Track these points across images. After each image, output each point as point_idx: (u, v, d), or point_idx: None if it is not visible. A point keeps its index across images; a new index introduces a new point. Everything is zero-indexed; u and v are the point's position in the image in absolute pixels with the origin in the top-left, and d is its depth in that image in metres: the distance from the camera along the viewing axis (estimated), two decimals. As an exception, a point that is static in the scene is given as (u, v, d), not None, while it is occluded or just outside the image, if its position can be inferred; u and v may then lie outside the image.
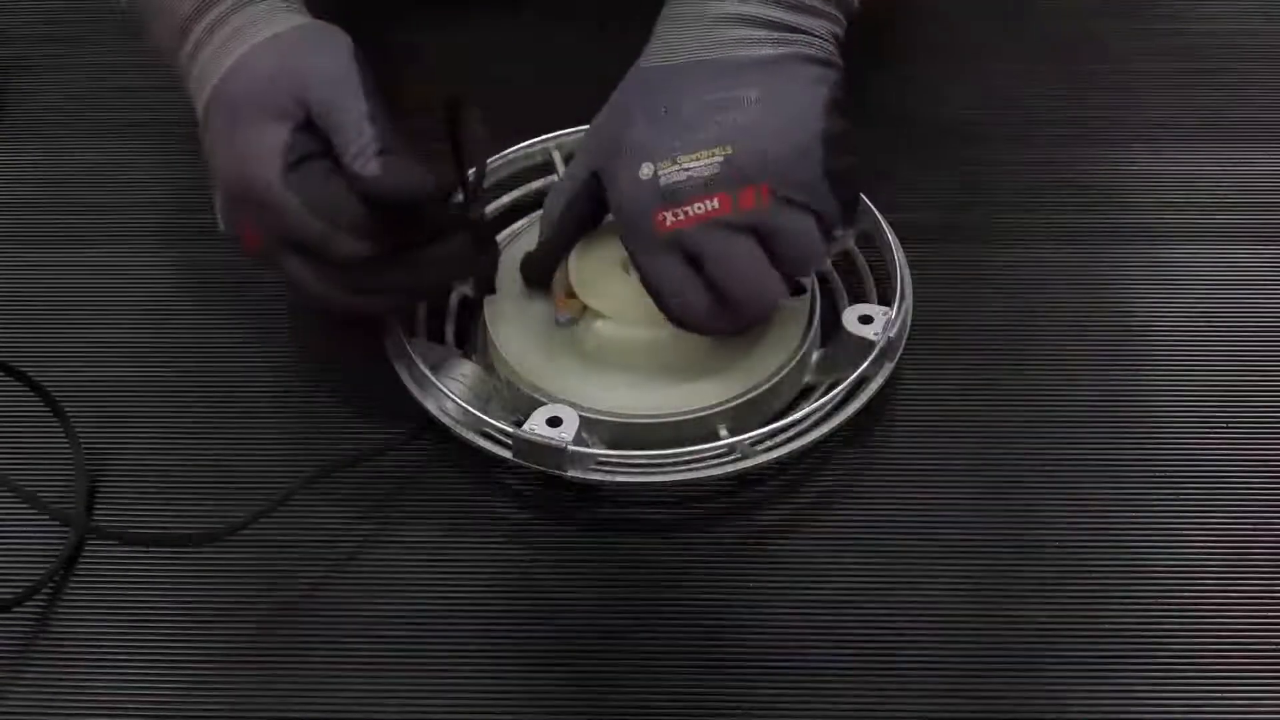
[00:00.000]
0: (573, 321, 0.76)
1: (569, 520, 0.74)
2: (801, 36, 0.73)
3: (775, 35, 0.73)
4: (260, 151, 0.70)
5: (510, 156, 0.86)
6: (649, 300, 0.74)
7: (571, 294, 0.76)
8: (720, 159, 0.71)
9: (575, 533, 0.74)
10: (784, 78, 0.72)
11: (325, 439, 0.76)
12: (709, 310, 0.73)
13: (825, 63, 0.73)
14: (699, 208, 0.71)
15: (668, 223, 0.71)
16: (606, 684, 0.69)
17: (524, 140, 0.86)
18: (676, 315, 0.73)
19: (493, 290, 0.78)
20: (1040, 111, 0.91)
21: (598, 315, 0.76)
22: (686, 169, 0.71)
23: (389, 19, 0.98)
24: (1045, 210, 0.86)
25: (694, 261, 0.72)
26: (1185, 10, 0.97)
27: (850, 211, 0.74)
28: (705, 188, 0.71)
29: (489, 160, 0.78)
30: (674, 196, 0.71)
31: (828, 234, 0.73)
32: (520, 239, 0.82)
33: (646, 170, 0.71)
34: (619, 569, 0.73)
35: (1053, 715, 0.68)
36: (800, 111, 0.72)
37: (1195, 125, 0.90)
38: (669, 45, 0.74)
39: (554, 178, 0.86)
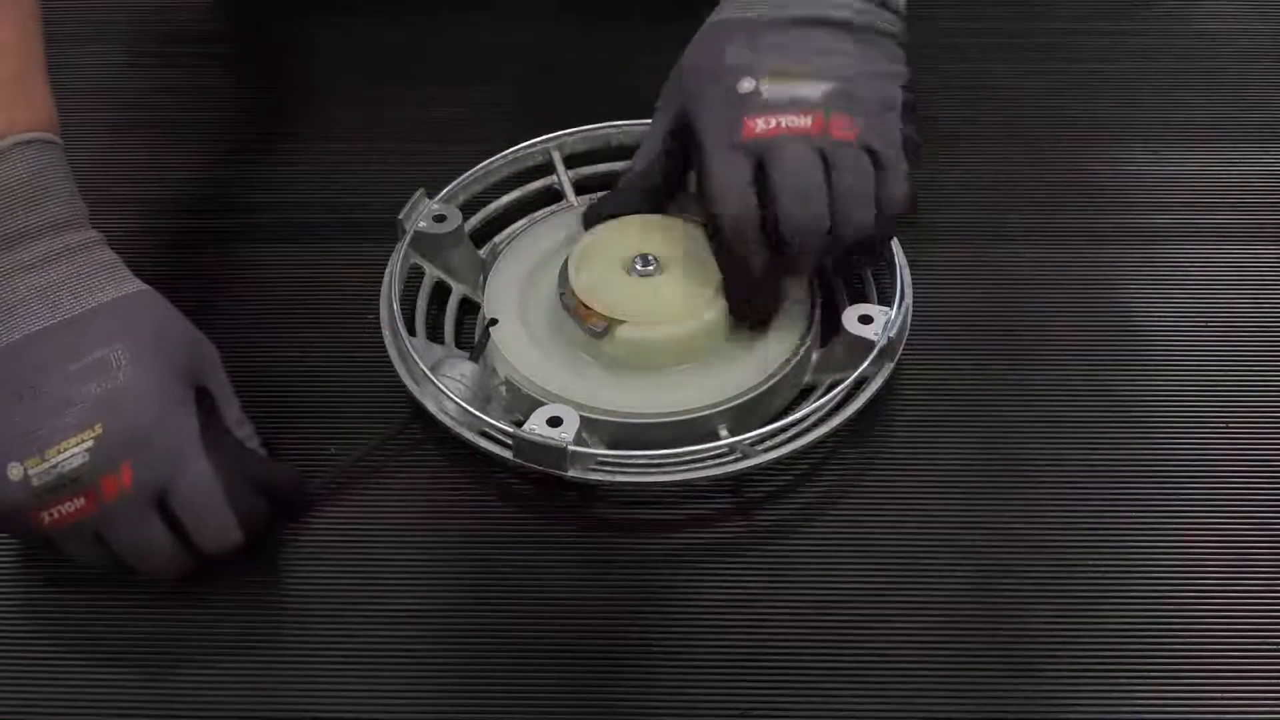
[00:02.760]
0: (607, 330, 0.76)
1: (569, 520, 0.74)
2: (881, 11, 0.78)
3: (862, 5, 0.77)
4: (177, 405, 0.69)
5: (511, 156, 0.86)
6: (659, 299, 0.76)
7: (589, 305, 0.76)
8: (822, 90, 0.74)
9: (575, 533, 0.74)
10: (870, 44, 0.77)
11: (326, 439, 0.76)
12: (754, 221, 0.74)
13: (895, 38, 0.79)
14: (791, 120, 0.74)
15: (757, 129, 0.73)
16: (606, 684, 0.69)
17: (524, 140, 0.86)
18: (730, 215, 0.74)
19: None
20: (1040, 111, 0.91)
21: (616, 320, 0.76)
22: (789, 88, 0.74)
23: (387, 19, 0.98)
24: (1045, 210, 0.86)
25: (761, 170, 0.74)
26: (1185, 10, 0.97)
27: (910, 184, 0.76)
28: (803, 108, 0.74)
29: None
30: (769, 107, 0.74)
31: (892, 200, 0.75)
32: (519, 239, 0.82)
33: (748, 84, 0.74)
34: (619, 569, 0.73)
35: (1053, 715, 0.68)
36: (885, 74, 0.77)
37: (1195, 125, 0.90)
38: (775, 1, 0.77)
39: (553, 178, 0.86)
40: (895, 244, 0.80)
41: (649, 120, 0.84)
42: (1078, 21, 0.97)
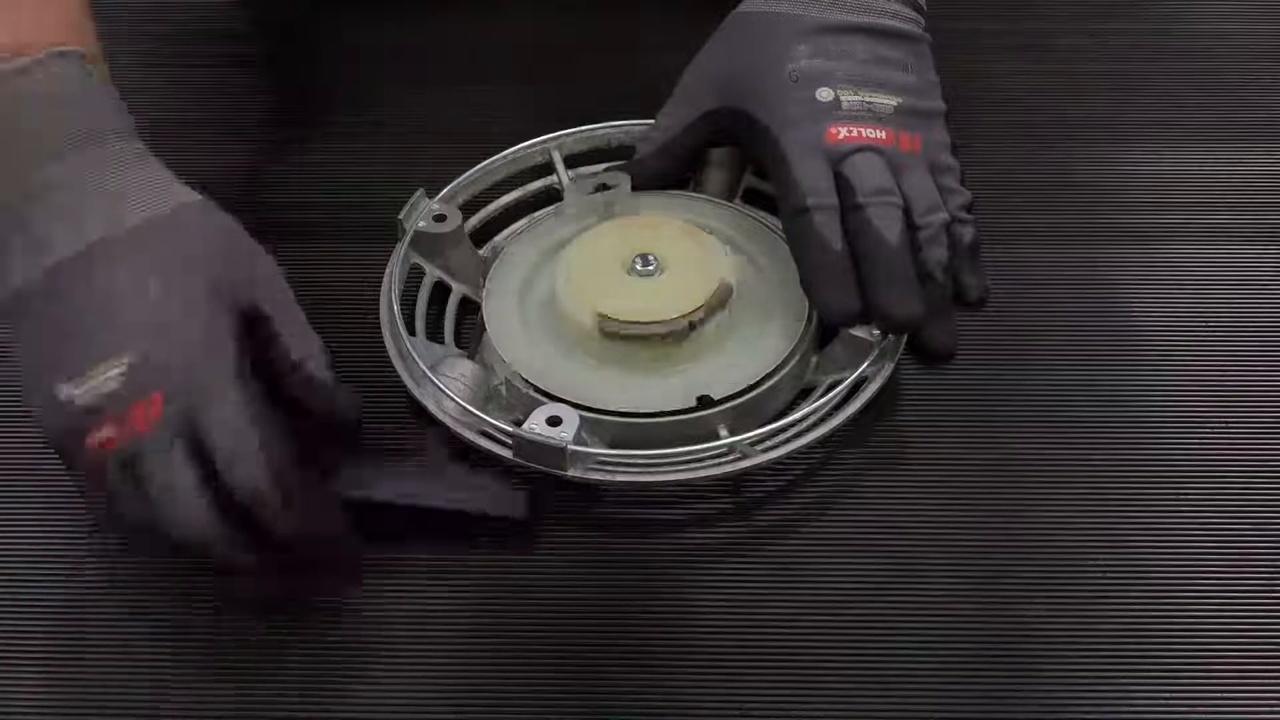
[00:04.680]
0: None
1: (569, 520, 0.74)
2: (918, 16, 0.82)
3: (914, 15, 0.82)
4: (215, 335, 0.66)
5: (511, 156, 0.86)
6: (653, 298, 0.76)
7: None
8: (894, 104, 0.79)
9: (575, 533, 0.74)
10: (919, 54, 0.82)
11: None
12: (838, 216, 0.76)
13: (929, 42, 0.83)
14: (869, 133, 0.78)
15: (840, 135, 0.77)
16: (606, 684, 0.69)
17: (524, 140, 0.86)
18: (824, 206, 0.76)
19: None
20: (1040, 111, 0.91)
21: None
22: (868, 102, 0.78)
23: (385, 17, 0.98)
24: (1045, 210, 0.86)
25: (838, 175, 0.77)
26: (1185, 10, 0.97)
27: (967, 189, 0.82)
28: (879, 120, 0.78)
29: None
30: (852, 119, 0.78)
31: (956, 200, 0.81)
32: (519, 239, 0.82)
33: (825, 94, 0.78)
34: (619, 569, 0.73)
35: (1052, 715, 0.68)
36: (934, 85, 0.82)
37: (1195, 125, 0.90)
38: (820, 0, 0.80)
39: (553, 178, 0.86)
40: None
41: (650, 120, 0.84)
42: (1076, 21, 0.97)
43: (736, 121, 0.80)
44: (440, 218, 0.81)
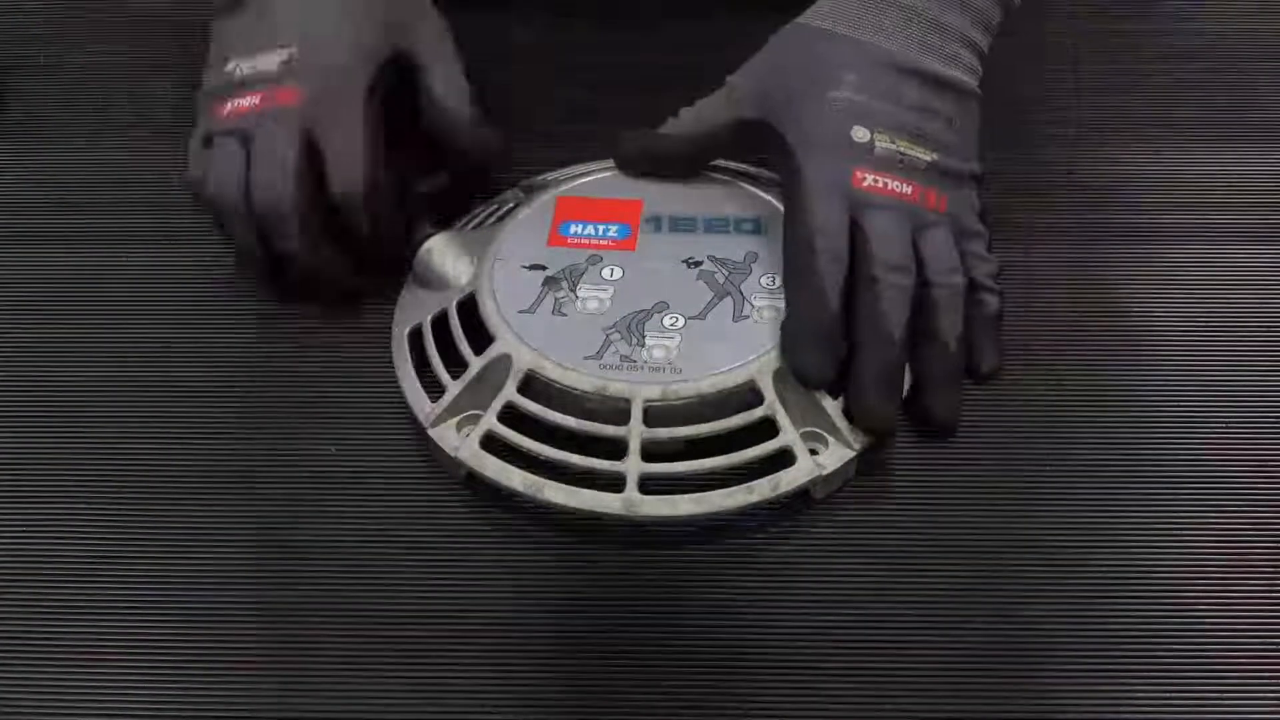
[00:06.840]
0: None
1: (569, 525, 0.74)
2: (978, 65, 0.80)
3: (975, 65, 0.79)
4: (358, 58, 0.77)
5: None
6: None
7: None
8: (929, 159, 0.76)
9: (575, 537, 0.74)
10: (969, 115, 0.79)
11: (327, 435, 0.77)
12: (845, 262, 0.73)
13: (981, 102, 0.80)
14: (896, 186, 0.75)
15: (865, 183, 0.75)
16: (606, 686, 0.69)
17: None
18: (829, 251, 0.73)
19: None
20: (1040, 111, 0.91)
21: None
22: (902, 153, 0.76)
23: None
24: (1045, 210, 0.86)
25: (854, 224, 0.74)
26: (1187, 10, 0.97)
27: (995, 260, 0.79)
28: (908, 174, 0.76)
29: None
30: (881, 167, 0.75)
31: (979, 266, 0.78)
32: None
33: (861, 133, 0.75)
34: (620, 572, 0.73)
35: (1052, 715, 0.68)
36: (974, 151, 0.80)
37: (1195, 125, 0.90)
38: (884, 28, 0.77)
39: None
40: None
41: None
42: (1078, 21, 0.97)
43: (767, 137, 0.77)
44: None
